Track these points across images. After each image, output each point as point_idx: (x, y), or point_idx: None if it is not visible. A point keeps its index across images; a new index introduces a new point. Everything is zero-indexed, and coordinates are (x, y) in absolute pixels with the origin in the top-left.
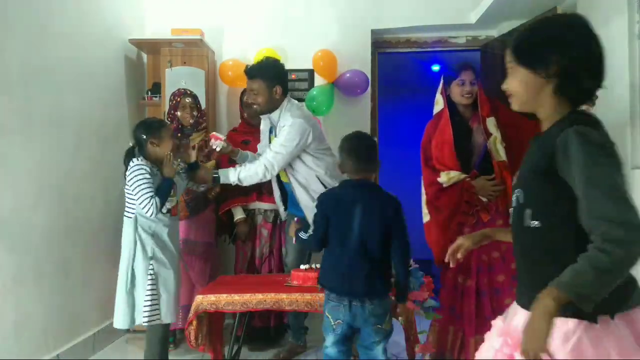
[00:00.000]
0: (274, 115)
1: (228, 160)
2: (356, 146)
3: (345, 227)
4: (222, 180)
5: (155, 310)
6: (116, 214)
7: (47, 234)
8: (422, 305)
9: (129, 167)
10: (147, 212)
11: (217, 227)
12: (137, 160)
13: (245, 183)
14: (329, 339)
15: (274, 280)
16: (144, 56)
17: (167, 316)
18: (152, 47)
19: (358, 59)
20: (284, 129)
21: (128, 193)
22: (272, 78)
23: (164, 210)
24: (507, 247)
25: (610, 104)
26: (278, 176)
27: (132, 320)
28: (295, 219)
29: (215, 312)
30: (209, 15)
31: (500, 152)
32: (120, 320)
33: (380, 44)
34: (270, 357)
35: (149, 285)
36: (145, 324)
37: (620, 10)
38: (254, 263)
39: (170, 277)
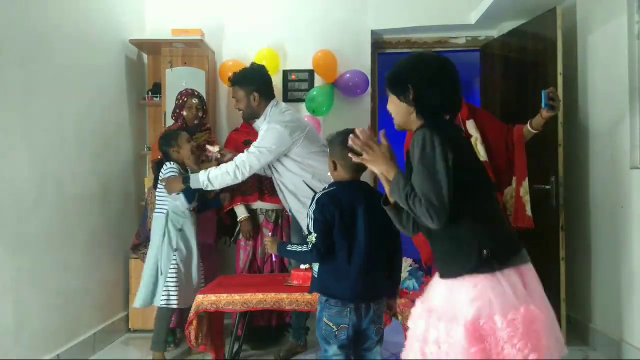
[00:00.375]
0: (259, 122)
1: None
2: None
3: (351, 231)
4: (193, 185)
5: (172, 295)
6: (116, 214)
7: (47, 234)
8: None
9: (162, 170)
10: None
11: (218, 229)
12: (170, 164)
13: (216, 183)
14: (332, 347)
15: (274, 280)
16: (144, 56)
17: (180, 302)
18: (152, 47)
19: (358, 59)
20: (260, 134)
21: (161, 192)
22: (250, 85)
23: (190, 207)
24: None
25: (610, 104)
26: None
27: (151, 301)
28: (270, 233)
29: (215, 312)
30: (209, 16)
31: (481, 152)
32: (140, 300)
33: (380, 44)
34: (270, 357)
35: (170, 273)
36: (162, 305)
37: (620, 10)
38: (255, 263)
39: (188, 269)
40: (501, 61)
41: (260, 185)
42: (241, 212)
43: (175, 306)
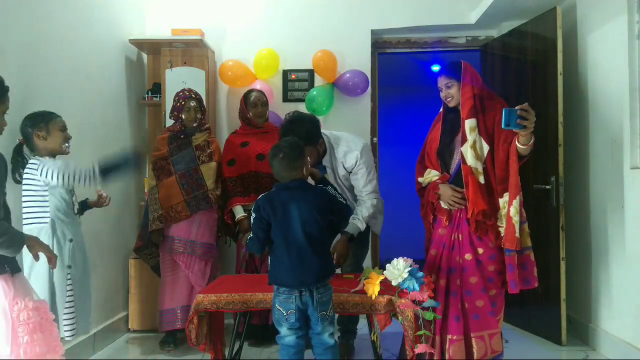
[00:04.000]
0: (325, 160)
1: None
2: (275, 153)
3: (286, 225)
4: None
5: (65, 324)
6: (116, 214)
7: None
8: (422, 305)
9: (28, 169)
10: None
11: (220, 229)
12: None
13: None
14: (284, 329)
15: None
16: (144, 56)
17: (78, 331)
18: (152, 47)
19: (358, 59)
20: (349, 161)
21: (33, 196)
22: (319, 137)
23: (76, 210)
24: (483, 250)
25: (610, 104)
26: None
27: None
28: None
29: (216, 312)
30: (210, 16)
31: (468, 156)
32: None
33: (380, 44)
34: (266, 355)
35: (68, 295)
36: (69, 338)
37: (620, 10)
38: (253, 262)
39: (85, 282)
40: (501, 61)
41: (256, 185)
42: (239, 211)
43: (67, 338)
